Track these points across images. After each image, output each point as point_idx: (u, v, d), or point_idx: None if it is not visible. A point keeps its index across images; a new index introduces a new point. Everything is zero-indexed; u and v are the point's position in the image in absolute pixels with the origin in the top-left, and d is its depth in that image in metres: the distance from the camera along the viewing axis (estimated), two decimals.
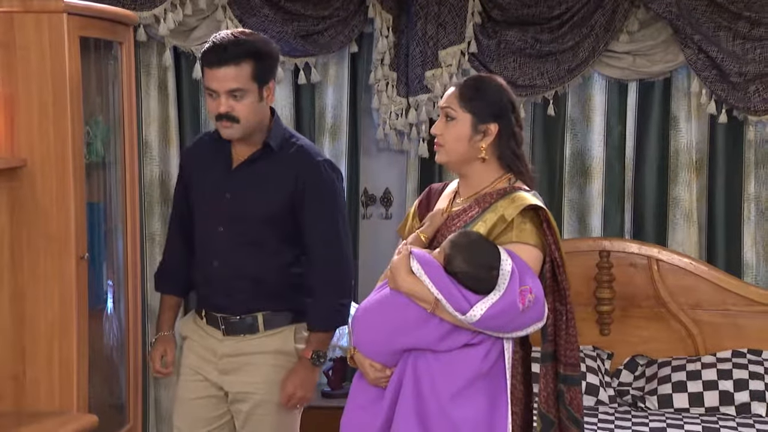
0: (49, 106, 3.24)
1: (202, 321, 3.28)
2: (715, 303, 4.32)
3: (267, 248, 3.17)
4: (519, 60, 4.49)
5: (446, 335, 2.54)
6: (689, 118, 4.56)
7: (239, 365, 3.21)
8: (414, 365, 2.58)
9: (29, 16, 3.23)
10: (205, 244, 3.25)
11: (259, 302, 3.19)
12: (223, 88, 3.03)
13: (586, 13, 4.43)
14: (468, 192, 2.73)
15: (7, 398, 3.32)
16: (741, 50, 4.38)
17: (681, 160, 4.56)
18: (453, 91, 2.73)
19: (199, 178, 3.26)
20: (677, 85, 4.57)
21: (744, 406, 4.07)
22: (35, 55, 3.23)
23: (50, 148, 3.25)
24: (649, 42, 4.47)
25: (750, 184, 4.53)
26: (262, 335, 3.21)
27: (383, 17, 4.47)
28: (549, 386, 2.62)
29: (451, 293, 2.50)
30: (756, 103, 4.40)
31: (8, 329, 3.30)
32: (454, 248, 2.55)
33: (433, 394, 2.54)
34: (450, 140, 2.68)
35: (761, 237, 4.56)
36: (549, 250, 2.61)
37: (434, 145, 2.74)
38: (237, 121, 3.07)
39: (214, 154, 3.24)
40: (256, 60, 3.06)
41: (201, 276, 3.27)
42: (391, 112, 4.56)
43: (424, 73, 4.48)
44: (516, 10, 4.47)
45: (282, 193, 3.15)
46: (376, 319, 2.65)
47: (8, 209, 3.27)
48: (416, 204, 2.91)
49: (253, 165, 3.17)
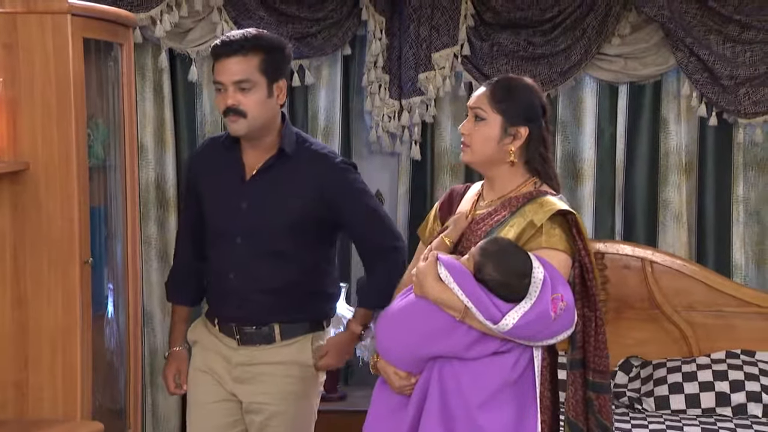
0: (52, 108, 3.17)
1: (214, 328, 3.21)
2: (709, 304, 4.35)
3: (287, 258, 3.10)
4: (511, 63, 4.49)
5: (474, 343, 2.49)
6: (679, 121, 4.58)
7: (254, 374, 3.15)
8: (440, 373, 2.53)
9: (33, 17, 3.16)
10: (221, 255, 3.16)
11: (277, 313, 3.13)
12: (230, 79, 2.96)
13: (578, 16, 4.43)
14: (492, 195, 2.68)
15: (8, 406, 3.24)
16: (731, 53, 4.41)
17: (671, 162, 4.58)
18: (483, 91, 2.67)
19: (211, 187, 3.17)
20: (667, 88, 4.59)
21: (740, 407, 4.09)
22: (39, 57, 3.16)
23: (54, 151, 3.18)
24: (641, 45, 4.49)
25: (739, 186, 4.56)
26: (278, 345, 3.14)
27: (376, 20, 4.45)
28: (578, 393, 2.59)
29: (481, 301, 2.45)
30: (746, 106, 4.43)
31: (10, 335, 3.23)
32: (484, 256, 2.50)
33: (461, 402, 2.49)
34: (478, 141, 2.63)
35: (750, 238, 4.59)
36: (578, 256, 2.57)
37: (461, 144, 2.69)
38: (244, 115, 2.98)
39: (223, 161, 3.15)
40: (266, 53, 2.99)
41: (216, 286, 3.21)
42: (384, 115, 4.54)
43: (417, 75, 4.46)
44: (508, 13, 4.47)
45: (304, 201, 3.06)
46: (402, 327, 2.59)
47: (11, 213, 3.20)
48: (437, 206, 2.86)
49: (270, 172, 3.09)
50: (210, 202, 3.17)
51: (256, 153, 3.10)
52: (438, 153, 4.66)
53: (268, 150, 3.09)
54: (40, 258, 3.21)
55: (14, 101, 3.17)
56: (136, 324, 3.62)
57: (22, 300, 3.22)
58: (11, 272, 3.21)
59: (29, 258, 3.21)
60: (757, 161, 4.57)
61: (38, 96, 3.17)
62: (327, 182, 3.07)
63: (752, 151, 4.56)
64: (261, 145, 3.08)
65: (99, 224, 3.47)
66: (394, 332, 2.62)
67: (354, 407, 4.37)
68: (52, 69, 3.16)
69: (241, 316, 3.14)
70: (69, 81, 3.17)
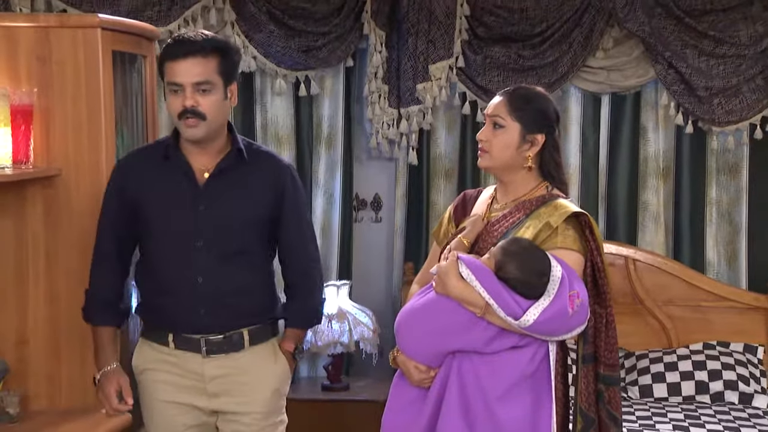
0: (83, 117, 3.19)
1: (167, 347, 2.92)
2: (687, 299, 4.43)
3: (250, 257, 2.91)
4: (503, 74, 4.55)
5: (493, 338, 2.51)
6: (657, 129, 4.66)
7: (231, 386, 2.92)
8: (459, 367, 2.54)
9: (65, 31, 3.18)
10: (181, 262, 2.86)
11: (246, 317, 2.92)
12: (189, 80, 2.76)
13: (565, 31, 4.50)
14: (507, 198, 2.70)
15: (42, 397, 3.26)
16: (706, 66, 4.49)
17: (650, 167, 4.66)
18: (501, 100, 2.68)
19: (156, 195, 2.89)
20: (646, 98, 4.67)
21: (718, 395, 4.18)
22: (70, 69, 3.18)
23: (84, 157, 3.20)
24: (623, 58, 4.57)
25: (712, 189, 4.65)
26: (247, 352, 2.92)
27: (377, 34, 4.51)
28: (590, 386, 2.60)
29: (503, 298, 2.47)
30: (719, 115, 4.52)
31: (44, 331, 3.24)
32: (506, 255, 2.51)
33: (479, 395, 2.50)
34: (497, 147, 2.65)
35: (722, 238, 4.68)
36: (591, 255, 2.60)
37: (478, 150, 2.70)
38: (203, 118, 2.78)
39: (165, 167, 2.90)
40: (222, 55, 2.81)
41: (172, 297, 2.88)
42: (383, 122, 4.59)
43: (416, 86, 4.52)
44: (500, 27, 4.54)
45: (264, 199, 2.91)
46: (422, 323, 2.60)
47: (44, 215, 3.21)
48: (452, 209, 2.86)
49: (226, 173, 2.88)
50: (157, 212, 2.89)
51: (205, 156, 2.89)
52: (433, 158, 4.73)
53: (218, 152, 2.89)
54: (72, 257, 3.22)
55: (47, 111, 3.18)
56: None
57: (55, 297, 3.23)
58: (44, 270, 3.23)
59: (62, 257, 3.22)
60: (728, 166, 4.65)
61: (70, 106, 3.19)
62: (280, 179, 2.93)
63: (724, 156, 4.65)
64: (211, 147, 2.88)
65: None
66: (414, 328, 2.63)
67: (356, 396, 4.42)
68: (83, 80, 3.18)
69: (207, 324, 2.87)
70: (99, 91, 3.19)
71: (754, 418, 4.00)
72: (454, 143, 4.74)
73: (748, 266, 4.65)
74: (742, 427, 3.88)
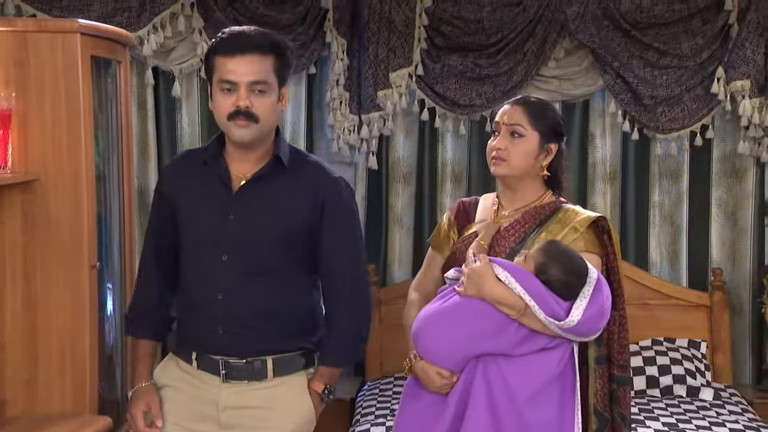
0: (62, 123, 3.03)
1: (191, 366, 2.58)
2: (635, 297, 4.40)
3: (279, 277, 2.51)
4: (460, 82, 4.48)
5: (523, 340, 2.40)
6: (604, 135, 4.63)
7: (246, 420, 2.54)
8: (484, 370, 2.42)
9: (44, 35, 3.01)
10: (204, 276, 2.54)
11: (269, 342, 2.53)
12: (245, 79, 2.41)
13: (519, 41, 4.45)
14: (515, 205, 2.63)
15: (19, 402, 3.09)
16: (651, 76, 4.48)
17: (597, 172, 4.63)
18: (519, 109, 2.59)
19: (191, 200, 2.57)
20: (594, 107, 4.63)
21: (668, 389, 4.16)
22: (49, 74, 3.02)
23: (63, 162, 3.04)
24: (574, 68, 4.53)
25: (655, 193, 4.64)
26: (270, 383, 2.54)
27: (339, 42, 4.39)
28: (605, 387, 2.52)
29: (545, 299, 2.37)
30: (663, 123, 4.51)
31: (21, 336, 3.08)
32: (548, 257, 2.41)
33: (506, 397, 2.39)
34: (517, 156, 2.56)
35: (664, 239, 4.67)
36: (607, 259, 2.54)
37: (494, 159, 2.60)
38: (256, 120, 2.43)
39: (204, 173, 2.57)
40: (279, 54, 2.47)
41: (195, 314, 2.57)
42: (345, 128, 4.47)
43: (376, 92, 4.42)
44: (457, 37, 4.46)
45: (300, 213, 2.51)
46: (448, 327, 2.45)
47: (22, 221, 3.05)
48: (452, 216, 2.74)
49: (262, 182, 2.52)
50: (189, 216, 2.58)
51: (245, 162, 2.54)
52: (392, 163, 4.63)
53: (259, 159, 2.53)
54: (49, 263, 3.06)
55: (25, 115, 3.02)
56: None
57: (33, 303, 3.07)
58: (22, 276, 3.06)
59: (39, 263, 3.06)
60: (670, 171, 4.64)
61: (48, 110, 3.03)
62: (321, 193, 2.53)
63: (666, 162, 4.64)
64: (254, 153, 2.53)
65: (100, 229, 3.33)
66: (438, 332, 2.46)
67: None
68: (63, 85, 3.02)
69: (228, 345, 2.52)
70: (79, 97, 3.03)
71: (702, 410, 4.00)
72: (412, 148, 4.65)
73: (689, 265, 4.64)
74: (692, 419, 3.87)
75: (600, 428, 2.50)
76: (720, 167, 4.62)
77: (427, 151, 4.63)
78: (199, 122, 4.41)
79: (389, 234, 4.64)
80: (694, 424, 3.80)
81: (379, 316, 4.46)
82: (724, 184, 4.62)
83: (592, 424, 2.50)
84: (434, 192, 4.64)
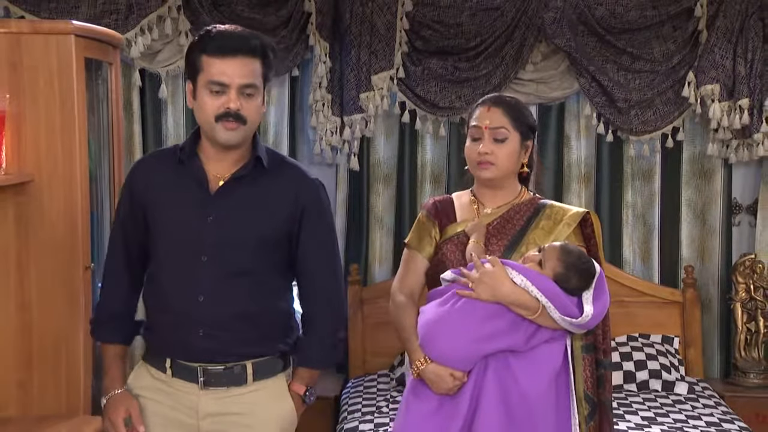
0: (56, 124, 2.96)
1: (165, 374, 2.46)
2: (612, 295, 4.31)
3: (259, 279, 2.43)
4: (440, 85, 4.47)
5: (533, 334, 2.43)
6: (579, 137, 4.65)
7: (227, 426, 2.45)
8: (495, 366, 2.43)
9: (38, 37, 2.94)
10: (183, 278, 2.42)
11: (250, 345, 2.44)
12: (237, 81, 2.32)
13: (498, 45, 4.45)
14: (497, 203, 2.63)
15: (11, 404, 3.01)
16: (624, 80, 4.50)
17: (572, 173, 4.65)
18: (499, 111, 2.58)
19: (165, 201, 2.45)
20: (569, 109, 4.65)
21: (644, 383, 4.19)
22: (43, 76, 2.95)
23: (58, 164, 2.97)
24: (550, 71, 4.54)
25: (628, 193, 4.67)
26: (250, 388, 2.45)
27: (322, 45, 4.36)
28: (594, 374, 2.56)
29: (561, 301, 2.41)
30: (636, 125, 4.54)
31: (14, 338, 3.00)
32: (569, 269, 2.44)
33: (516, 389, 2.41)
34: (503, 158, 2.58)
35: (637, 238, 4.70)
36: (588, 250, 2.57)
37: (481, 164, 2.59)
38: (245, 122, 2.35)
39: (179, 173, 2.46)
40: (266, 57, 2.39)
41: (172, 317, 2.43)
42: (327, 130, 4.44)
43: (359, 95, 4.39)
44: (437, 41, 4.45)
45: (280, 215, 2.44)
46: (463, 330, 2.43)
47: (15, 223, 2.98)
48: (430, 215, 2.68)
49: (241, 183, 2.43)
50: (165, 219, 2.46)
51: (223, 162, 2.43)
52: (373, 164, 4.61)
53: (237, 160, 2.44)
54: (43, 265, 2.99)
55: (19, 117, 2.94)
56: None
57: (26, 305, 2.99)
58: (15, 279, 2.99)
59: (33, 265, 2.98)
60: (643, 172, 4.67)
61: (42, 112, 2.96)
62: (302, 194, 2.47)
63: (639, 163, 4.66)
64: (232, 154, 2.43)
65: (92, 231, 3.27)
66: (456, 336, 2.44)
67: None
68: (57, 87, 2.96)
69: (208, 349, 2.41)
70: (73, 98, 2.97)
71: (678, 404, 4.03)
72: (393, 150, 4.63)
73: (660, 264, 4.67)
74: (669, 413, 3.90)
75: (591, 413, 2.53)
76: (689, 168, 4.66)
77: (408, 152, 4.61)
78: (184, 124, 4.36)
79: (370, 234, 4.61)
80: (671, 417, 3.83)
81: (361, 314, 4.44)
82: (693, 184, 4.66)
83: (583, 409, 2.53)
84: (414, 193, 4.62)
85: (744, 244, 4.68)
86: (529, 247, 2.56)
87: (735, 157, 4.52)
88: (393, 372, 4.30)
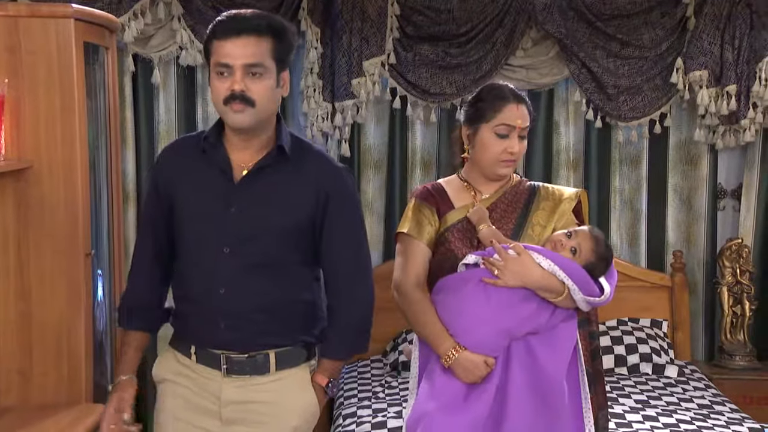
0: (56, 109, 2.92)
1: (190, 360, 2.45)
2: None
3: (282, 271, 2.40)
4: (431, 71, 4.45)
5: (552, 314, 2.47)
6: (568, 123, 4.66)
7: (249, 414, 2.43)
8: (517, 350, 2.45)
9: (36, 21, 2.90)
10: (205, 269, 2.39)
11: (272, 336, 2.41)
12: (240, 61, 2.27)
13: (488, 31, 4.43)
14: (493, 187, 2.64)
15: (12, 392, 2.98)
16: (614, 66, 4.51)
17: (561, 158, 4.65)
18: (524, 107, 2.61)
19: (189, 190, 2.41)
20: (559, 95, 4.65)
21: (635, 367, 4.21)
22: (42, 60, 2.91)
23: (58, 150, 2.94)
24: (540, 57, 4.53)
25: (616, 179, 4.68)
26: (273, 377, 2.42)
27: (313, 30, 4.32)
28: (588, 347, 2.62)
29: (587, 283, 2.45)
30: (624, 111, 4.55)
31: (14, 326, 2.97)
32: (600, 258, 2.51)
33: (540, 370, 2.43)
34: (521, 154, 2.64)
35: (624, 223, 4.72)
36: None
37: (506, 162, 2.59)
38: (252, 104, 2.28)
39: (202, 161, 2.41)
40: (277, 37, 2.31)
41: (195, 307, 2.43)
42: (318, 116, 4.41)
43: (350, 81, 4.36)
44: (428, 27, 4.42)
45: (303, 205, 2.39)
46: (498, 318, 2.43)
47: (14, 209, 2.95)
48: (427, 202, 2.62)
49: (264, 172, 2.37)
50: (187, 207, 2.42)
51: (246, 151, 2.38)
52: (363, 150, 4.59)
53: (261, 148, 2.38)
54: (43, 252, 2.95)
55: (18, 102, 2.90)
56: None
57: (26, 292, 2.96)
58: (15, 266, 2.95)
59: (33, 252, 2.95)
60: (631, 158, 4.69)
61: (42, 97, 2.92)
62: (326, 182, 2.40)
63: (627, 149, 4.68)
64: (254, 142, 2.38)
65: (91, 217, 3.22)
66: (492, 324, 2.44)
67: None
68: (56, 71, 2.92)
69: (229, 340, 2.40)
70: (73, 83, 2.93)
71: (669, 386, 4.06)
72: (383, 136, 4.61)
73: (647, 248, 4.70)
74: (661, 395, 3.93)
75: (590, 383, 2.58)
76: (676, 154, 4.68)
77: (398, 138, 4.59)
78: (176, 110, 4.31)
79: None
80: (664, 400, 3.86)
81: None
82: (679, 170, 4.68)
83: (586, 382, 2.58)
84: (404, 179, 4.61)
85: (728, 228, 4.72)
86: (534, 229, 2.58)
87: (722, 143, 4.55)
88: (386, 357, 4.29)
